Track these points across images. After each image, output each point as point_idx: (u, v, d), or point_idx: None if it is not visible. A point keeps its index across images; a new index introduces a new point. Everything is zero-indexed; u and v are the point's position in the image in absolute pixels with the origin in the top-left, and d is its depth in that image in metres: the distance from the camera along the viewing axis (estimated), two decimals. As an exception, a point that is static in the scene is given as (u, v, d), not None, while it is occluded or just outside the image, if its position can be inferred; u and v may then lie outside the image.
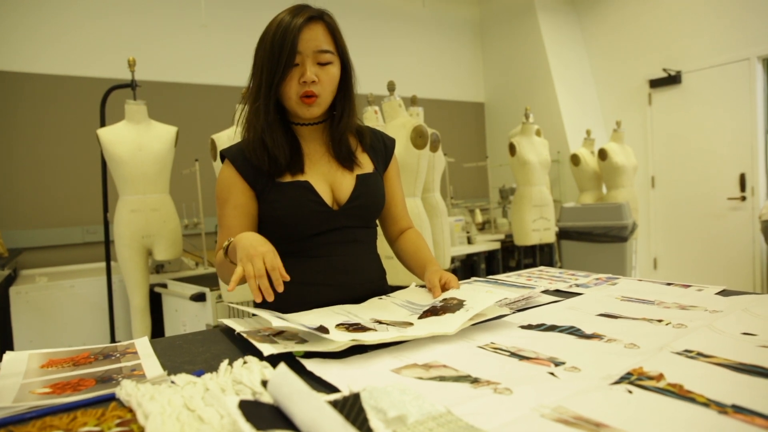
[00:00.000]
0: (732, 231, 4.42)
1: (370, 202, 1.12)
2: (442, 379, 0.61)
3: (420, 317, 0.89)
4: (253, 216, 1.10)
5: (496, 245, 3.87)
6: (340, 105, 1.11)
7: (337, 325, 0.83)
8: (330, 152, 1.13)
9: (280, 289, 0.83)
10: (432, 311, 0.90)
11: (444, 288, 1.00)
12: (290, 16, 1.00)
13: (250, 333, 0.81)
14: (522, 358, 0.68)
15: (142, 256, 2.72)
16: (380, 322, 0.87)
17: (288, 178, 1.07)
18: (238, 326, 0.85)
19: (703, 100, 4.56)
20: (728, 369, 0.60)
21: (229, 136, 2.40)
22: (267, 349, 0.71)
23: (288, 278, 0.84)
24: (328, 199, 1.08)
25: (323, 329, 0.78)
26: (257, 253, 0.85)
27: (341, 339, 0.73)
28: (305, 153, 1.11)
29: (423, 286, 1.10)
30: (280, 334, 0.82)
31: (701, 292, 1.04)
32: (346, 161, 1.12)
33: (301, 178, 1.08)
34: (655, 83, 4.84)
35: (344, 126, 1.12)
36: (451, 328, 0.78)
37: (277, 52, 0.99)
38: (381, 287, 1.17)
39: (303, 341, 0.77)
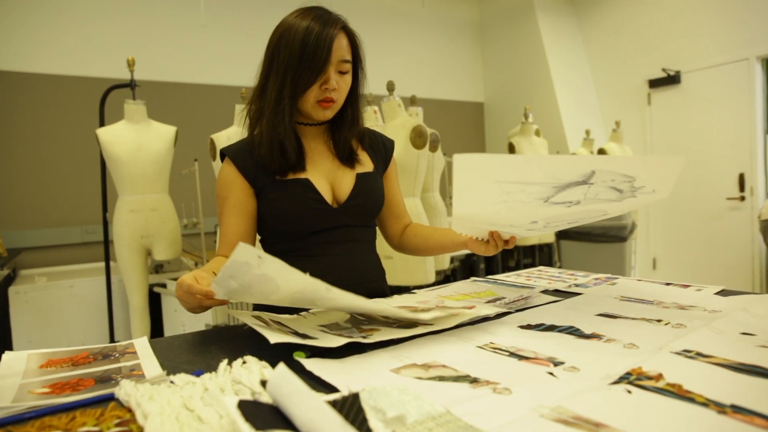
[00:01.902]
0: (731, 231, 4.43)
1: (370, 200, 1.13)
2: (441, 379, 0.61)
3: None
4: (252, 214, 1.10)
5: (496, 245, 3.87)
6: (350, 110, 1.13)
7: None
8: (331, 151, 1.14)
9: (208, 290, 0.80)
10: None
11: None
12: (320, 24, 1.00)
13: (257, 324, 0.81)
14: (521, 358, 0.68)
15: (142, 256, 2.72)
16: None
17: (289, 176, 1.08)
18: (245, 317, 0.86)
19: (703, 100, 4.56)
20: (727, 369, 0.60)
21: (228, 136, 2.40)
22: (273, 337, 0.71)
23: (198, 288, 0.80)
24: (328, 197, 1.09)
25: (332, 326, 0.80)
26: (177, 289, 0.84)
27: (343, 341, 0.73)
28: (306, 151, 1.12)
29: (419, 287, 1.12)
30: (281, 326, 0.83)
31: (700, 292, 1.04)
32: (348, 161, 1.13)
33: (301, 175, 1.08)
34: (655, 83, 4.85)
35: (352, 132, 1.15)
36: (427, 316, 0.79)
37: (309, 59, 1.00)
38: (380, 287, 1.18)
39: (307, 338, 0.77)
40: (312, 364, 0.67)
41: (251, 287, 0.72)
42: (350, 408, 0.47)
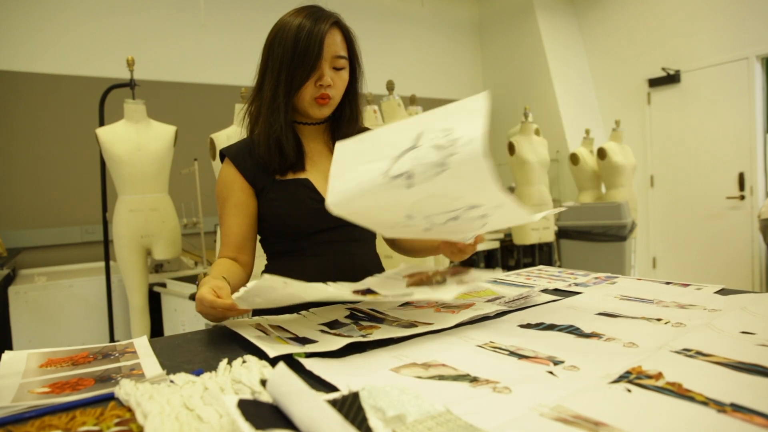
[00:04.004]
0: (731, 230, 4.43)
1: (370, 201, 1.13)
2: (441, 378, 0.61)
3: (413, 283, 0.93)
4: (253, 215, 1.10)
5: (496, 244, 3.88)
6: (348, 108, 1.14)
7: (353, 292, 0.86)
8: (331, 150, 1.14)
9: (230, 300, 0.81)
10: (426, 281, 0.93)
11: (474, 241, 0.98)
12: (311, 21, 1.01)
13: (256, 336, 0.81)
14: (521, 357, 0.68)
15: (141, 255, 2.72)
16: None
17: (289, 176, 1.08)
18: (238, 328, 0.86)
19: (702, 99, 4.56)
20: (727, 368, 0.60)
21: (228, 136, 2.39)
22: (272, 350, 0.71)
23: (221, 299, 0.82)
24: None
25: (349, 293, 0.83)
26: (198, 304, 0.85)
27: (341, 343, 0.73)
28: (305, 151, 1.12)
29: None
30: (281, 331, 0.83)
31: (700, 291, 1.04)
32: None
33: (301, 175, 1.08)
34: (654, 82, 4.85)
35: (352, 129, 1.15)
36: (449, 295, 0.79)
37: (301, 55, 1.00)
38: (380, 287, 1.18)
39: (306, 342, 0.77)
40: (312, 364, 0.67)
41: (275, 300, 0.80)
42: (350, 407, 0.47)
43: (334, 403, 0.48)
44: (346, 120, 1.14)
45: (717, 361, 0.62)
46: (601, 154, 4.31)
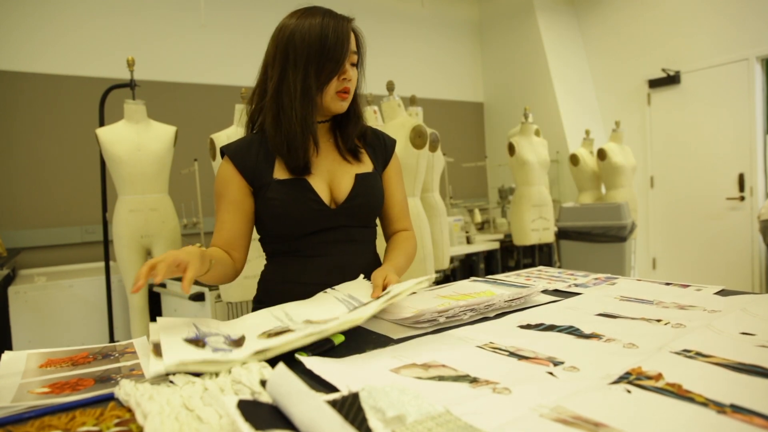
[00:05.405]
0: (731, 231, 4.43)
1: (368, 201, 1.13)
2: (440, 378, 0.61)
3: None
4: (248, 213, 1.11)
5: (495, 245, 3.87)
6: (353, 106, 1.15)
7: (261, 334, 0.78)
8: (332, 150, 1.14)
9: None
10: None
11: (385, 287, 0.95)
12: (332, 19, 1.04)
13: (162, 340, 0.73)
14: (521, 357, 0.68)
15: (141, 255, 2.72)
16: (312, 323, 0.82)
17: (288, 177, 1.08)
18: (160, 332, 0.77)
19: (702, 100, 4.56)
20: (727, 369, 0.60)
21: (228, 136, 2.39)
22: (154, 365, 0.65)
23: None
24: (326, 197, 1.09)
25: (238, 342, 0.74)
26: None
27: (242, 355, 0.67)
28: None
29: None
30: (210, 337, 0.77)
31: (700, 292, 1.04)
32: (353, 154, 1.15)
33: (301, 176, 1.09)
34: (654, 83, 4.85)
35: (357, 127, 1.16)
36: (364, 314, 0.75)
37: (330, 50, 1.03)
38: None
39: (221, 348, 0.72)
40: (312, 364, 0.67)
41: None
42: (350, 408, 0.47)
43: (333, 403, 0.48)
44: (352, 118, 1.15)
45: (717, 362, 0.62)
46: (601, 154, 4.31)
